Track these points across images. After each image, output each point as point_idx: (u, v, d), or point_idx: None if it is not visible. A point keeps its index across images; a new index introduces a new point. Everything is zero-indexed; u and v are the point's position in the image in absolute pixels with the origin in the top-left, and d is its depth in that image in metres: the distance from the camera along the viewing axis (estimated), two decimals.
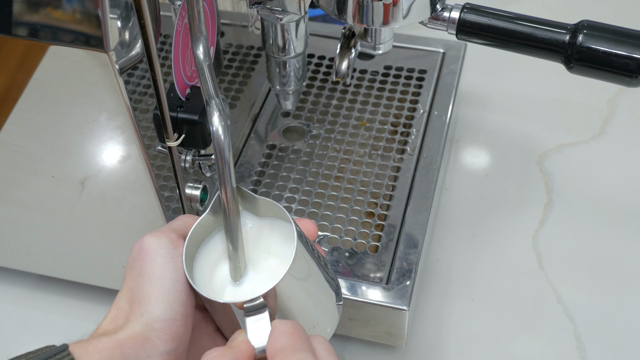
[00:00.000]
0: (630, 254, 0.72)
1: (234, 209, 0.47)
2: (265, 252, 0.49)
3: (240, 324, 0.46)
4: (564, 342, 0.66)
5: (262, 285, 0.46)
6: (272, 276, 0.46)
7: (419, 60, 0.81)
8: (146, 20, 0.47)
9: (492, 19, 0.56)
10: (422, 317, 0.68)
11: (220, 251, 0.50)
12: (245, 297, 0.45)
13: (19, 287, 0.72)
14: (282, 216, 0.49)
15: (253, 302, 0.44)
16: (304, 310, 0.48)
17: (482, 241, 0.74)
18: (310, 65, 0.81)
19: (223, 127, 0.46)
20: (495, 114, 0.86)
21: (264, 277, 0.48)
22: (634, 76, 0.53)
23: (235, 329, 0.46)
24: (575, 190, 0.78)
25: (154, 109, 0.52)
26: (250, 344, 0.44)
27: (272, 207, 0.49)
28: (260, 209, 0.50)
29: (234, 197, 0.47)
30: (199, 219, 0.49)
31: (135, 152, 0.52)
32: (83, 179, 0.56)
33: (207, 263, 0.49)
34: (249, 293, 0.47)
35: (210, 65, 0.47)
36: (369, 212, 0.68)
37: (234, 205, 0.47)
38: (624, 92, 0.87)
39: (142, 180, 0.54)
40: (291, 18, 0.60)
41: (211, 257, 0.49)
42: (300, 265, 0.47)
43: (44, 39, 0.46)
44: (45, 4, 0.45)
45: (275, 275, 0.45)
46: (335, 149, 0.73)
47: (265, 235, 0.50)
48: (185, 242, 0.47)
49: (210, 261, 0.49)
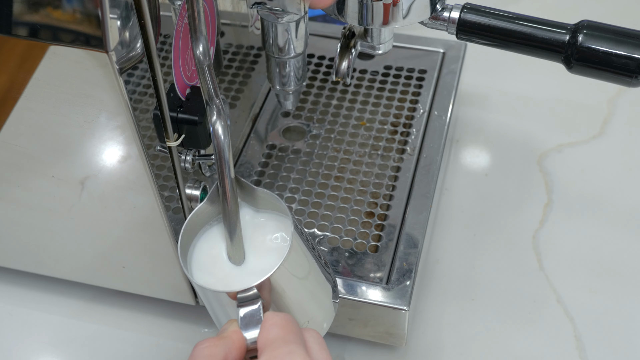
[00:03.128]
0: (630, 254, 0.72)
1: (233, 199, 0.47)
2: (261, 244, 0.50)
3: (233, 314, 0.46)
4: (564, 342, 0.66)
5: (256, 275, 0.46)
6: (267, 267, 0.46)
7: (419, 60, 0.81)
8: (146, 20, 0.47)
9: (492, 19, 0.56)
10: (422, 317, 0.68)
11: (216, 241, 0.50)
12: (239, 287, 0.45)
13: (19, 287, 0.72)
14: (279, 208, 0.49)
15: (246, 292, 0.44)
16: (298, 304, 0.48)
17: (482, 241, 0.74)
18: (310, 65, 0.81)
19: (223, 127, 0.46)
20: (495, 114, 0.86)
21: (259, 268, 0.48)
22: (634, 76, 0.53)
23: (227, 319, 0.46)
24: (575, 190, 0.78)
25: (154, 109, 0.52)
26: (241, 334, 0.44)
27: (270, 198, 0.49)
28: (259, 201, 0.50)
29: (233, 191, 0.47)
30: (196, 207, 0.49)
31: (135, 152, 0.52)
32: (83, 179, 0.56)
33: (202, 253, 0.49)
34: (243, 283, 0.47)
35: (210, 65, 0.47)
36: (369, 212, 0.68)
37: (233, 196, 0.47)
38: (624, 92, 0.87)
39: (142, 180, 0.54)
40: (291, 18, 0.60)
41: (207, 247, 0.50)
42: (296, 258, 0.47)
43: (44, 39, 0.46)
44: (45, 4, 0.45)
45: (270, 266, 0.45)
46: (335, 149, 0.73)
47: (262, 227, 0.50)
48: (181, 231, 0.48)
49: (206, 251, 0.50)
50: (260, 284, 0.45)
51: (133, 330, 0.68)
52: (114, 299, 0.70)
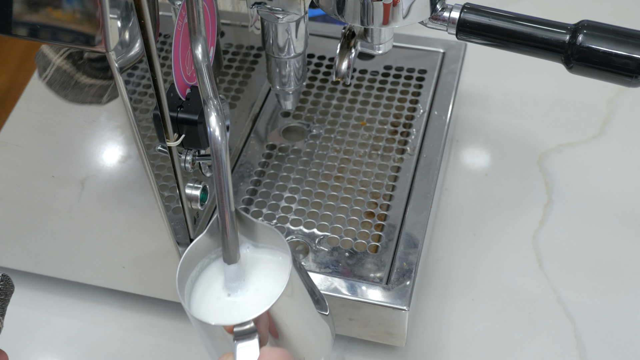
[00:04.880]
0: (630, 254, 0.72)
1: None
2: (260, 278, 0.49)
3: (229, 348, 0.45)
4: (564, 342, 0.66)
5: (253, 310, 0.46)
6: (265, 302, 0.46)
7: (419, 60, 0.81)
8: (146, 20, 0.47)
9: (492, 19, 0.56)
10: (422, 317, 0.68)
11: (214, 274, 0.50)
12: (236, 321, 0.45)
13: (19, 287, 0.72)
14: (279, 243, 0.49)
15: (243, 326, 0.44)
16: (295, 339, 0.48)
17: (482, 241, 0.74)
18: (310, 65, 0.81)
19: (220, 127, 0.46)
20: (495, 114, 0.86)
21: (257, 303, 0.48)
22: (634, 76, 0.53)
23: (223, 352, 0.46)
24: (575, 190, 0.78)
25: (154, 109, 0.52)
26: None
27: (270, 233, 0.49)
28: (258, 235, 0.50)
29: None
30: (195, 240, 0.49)
31: (135, 152, 0.52)
32: (83, 179, 0.56)
33: (200, 285, 0.49)
34: (240, 317, 0.47)
35: (208, 66, 0.47)
36: (369, 212, 0.68)
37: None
38: (624, 92, 0.87)
39: (142, 180, 0.54)
40: (291, 18, 0.60)
41: (205, 280, 0.49)
42: (294, 294, 0.47)
43: (44, 39, 0.46)
44: (45, 4, 0.45)
45: (267, 301, 0.45)
46: (335, 149, 0.73)
47: (261, 261, 0.50)
48: (179, 263, 0.47)
49: (204, 284, 0.49)
50: (257, 318, 0.44)
51: (133, 330, 0.68)
52: (114, 299, 0.70)
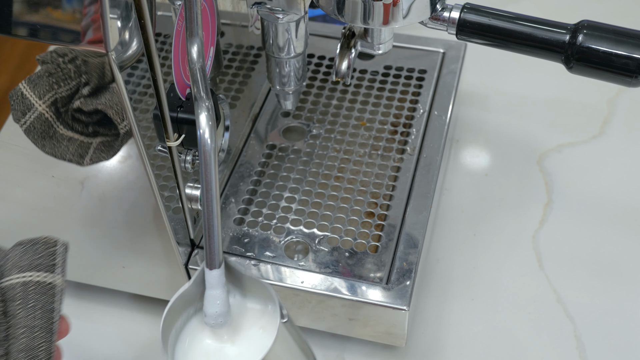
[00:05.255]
0: (630, 254, 0.72)
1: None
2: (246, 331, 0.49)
3: None
4: (564, 342, 0.66)
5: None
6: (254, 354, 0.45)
7: (419, 60, 0.81)
8: (146, 20, 0.47)
9: (492, 19, 0.56)
10: (422, 317, 0.68)
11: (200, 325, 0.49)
12: None
13: None
14: (268, 296, 0.48)
15: None
16: None
17: (482, 241, 0.74)
18: (310, 65, 0.81)
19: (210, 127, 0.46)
20: (495, 114, 0.86)
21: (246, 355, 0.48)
22: (634, 76, 0.53)
23: None
24: (575, 190, 0.78)
25: (154, 109, 0.52)
26: None
27: (259, 287, 0.49)
28: (247, 287, 0.50)
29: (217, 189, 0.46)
30: (181, 289, 0.48)
31: (135, 152, 0.52)
32: (83, 179, 0.56)
33: (185, 337, 0.49)
34: None
35: (202, 67, 0.47)
36: (369, 212, 0.67)
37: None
38: (624, 92, 0.87)
39: (142, 180, 0.54)
40: (291, 18, 0.60)
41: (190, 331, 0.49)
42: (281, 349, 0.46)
43: (44, 39, 0.46)
44: (45, 4, 0.45)
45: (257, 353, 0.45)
46: (335, 149, 0.73)
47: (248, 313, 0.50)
48: (164, 313, 0.47)
49: (188, 335, 0.49)
50: None
51: (133, 330, 0.68)
52: (114, 299, 0.70)
